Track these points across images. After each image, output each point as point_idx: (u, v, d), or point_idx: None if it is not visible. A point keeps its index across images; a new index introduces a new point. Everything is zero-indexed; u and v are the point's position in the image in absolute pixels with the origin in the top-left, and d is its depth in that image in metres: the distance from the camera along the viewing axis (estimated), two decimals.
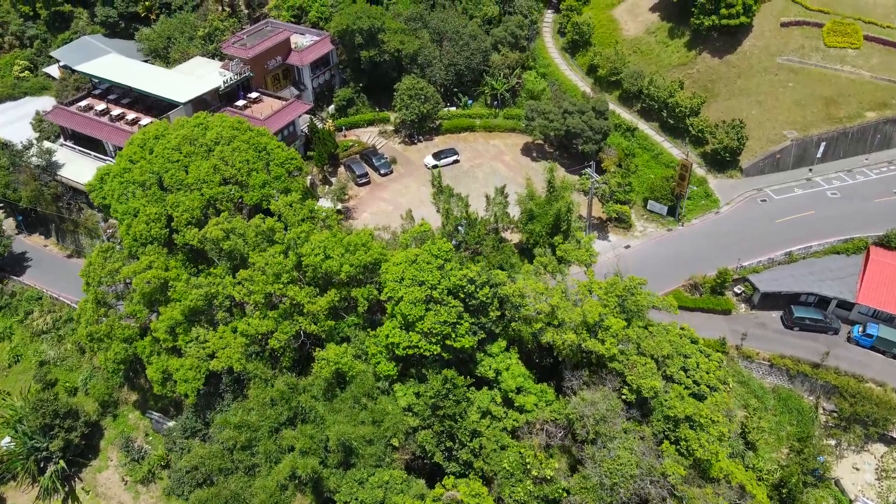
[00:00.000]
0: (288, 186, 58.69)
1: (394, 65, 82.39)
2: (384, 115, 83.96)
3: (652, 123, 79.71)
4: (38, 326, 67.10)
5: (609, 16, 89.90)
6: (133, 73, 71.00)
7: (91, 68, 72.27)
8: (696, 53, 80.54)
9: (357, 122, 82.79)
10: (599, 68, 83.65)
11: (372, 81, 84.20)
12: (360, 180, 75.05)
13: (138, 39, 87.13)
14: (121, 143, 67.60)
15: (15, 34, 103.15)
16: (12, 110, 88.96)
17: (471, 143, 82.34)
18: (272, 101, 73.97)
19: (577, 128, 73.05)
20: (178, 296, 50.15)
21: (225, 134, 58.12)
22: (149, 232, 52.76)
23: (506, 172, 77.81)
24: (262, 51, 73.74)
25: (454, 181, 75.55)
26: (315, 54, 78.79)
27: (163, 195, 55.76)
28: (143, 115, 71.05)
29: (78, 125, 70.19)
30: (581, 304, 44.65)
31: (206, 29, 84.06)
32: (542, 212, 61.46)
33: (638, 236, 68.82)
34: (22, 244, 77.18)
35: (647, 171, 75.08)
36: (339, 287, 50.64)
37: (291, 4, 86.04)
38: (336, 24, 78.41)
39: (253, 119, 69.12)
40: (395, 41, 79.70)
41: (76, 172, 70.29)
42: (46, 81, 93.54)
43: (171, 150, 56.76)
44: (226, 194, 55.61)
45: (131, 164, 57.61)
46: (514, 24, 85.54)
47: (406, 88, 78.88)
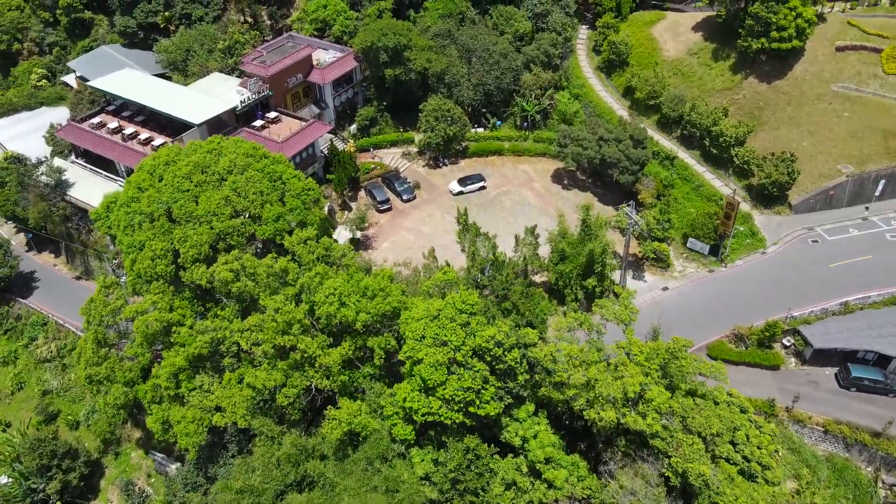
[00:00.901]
0: (304, 219, 54.92)
1: (420, 83, 78.48)
2: (408, 136, 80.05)
3: (693, 152, 74.70)
4: (41, 354, 64.33)
5: (648, 34, 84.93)
6: (147, 90, 67.91)
7: (105, 84, 69.35)
8: (741, 77, 75.32)
9: (379, 142, 78.97)
10: (637, 91, 78.80)
11: (396, 100, 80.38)
12: (381, 207, 71.18)
13: (157, 51, 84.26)
14: (132, 164, 64.64)
15: (34, 41, 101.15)
16: (28, 121, 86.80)
17: (498, 168, 78.05)
18: (291, 122, 70.43)
19: (613, 157, 68.38)
20: (182, 340, 46.69)
21: (239, 162, 54.55)
22: (154, 269, 49.36)
23: (535, 201, 73.40)
24: (282, 69, 70.22)
25: (480, 209, 71.58)
26: (337, 72, 75.11)
27: (171, 227, 52.34)
28: (157, 133, 67.96)
29: (89, 144, 67.32)
30: (619, 370, 40.16)
31: (226, 42, 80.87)
32: (574, 252, 57.03)
33: (677, 277, 63.96)
34: (31, 262, 74.75)
35: (687, 204, 70.16)
36: (354, 336, 46.78)
37: (315, 18, 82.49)
38: (360, 41, 74.64)
39: (270, 142, 65.64)
40: (421, 59, 75.73)
41: (86, 193, 67.43)
42: (63, 91, 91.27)
43: (182, 179, 53.31)
44: (237, 228, 51.99)
45: (139, 192, 54.29)
46: (547, 43, 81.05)
47: (432, 109, 74.87)
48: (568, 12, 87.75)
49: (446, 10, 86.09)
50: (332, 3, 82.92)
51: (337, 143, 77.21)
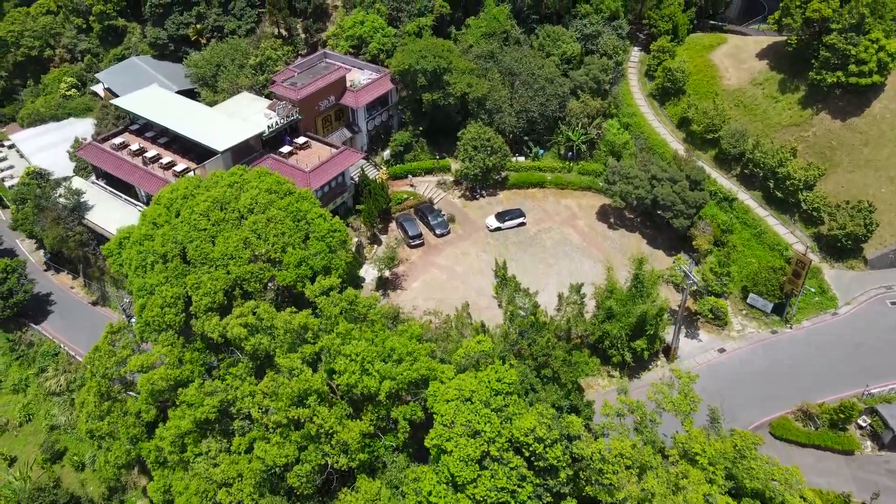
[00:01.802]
0: (328, 264, 50.50)
1: (459, 108, 73.53)
2: (444, 164, 75.15)
3: (754, 193, 68.24)
4: (51, 387, 61.19)
5: (707, 60, 78.54)
6: (172, 111, 64.31)
7: (129, 103, 65.99)
8: (812, 113, 68.56)
9: (414, 170, 74.25)
10: (693, 122, 72.57)
11: (433, 124, 75.60)
12: (412, 242, 66.43)
13: (186, 65, 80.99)
14: (152, 190, 61.10)
15: (66, 47, 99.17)
16: (54, 132, 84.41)
17: (539, 202, 72.64)
18: (321, 148, 66.14)
19: (667, 199, 62.45)
20: (189, 399, 42.57)
21: (260, 199, 50.34)
22: (163, 318, 45.40)
23: (578, 241, 67.82)
24: (313, 92, 65.98)
25: (519, 248, 66.39)
26: (372, 95, 70.62)
27: (185, 268, 48.41)
28: (181, 157, 64.35)
29: (110, 166, 64.05)
30: (679, 478, 34.62)
31: (257, 58, 77.13)
32: (624, 311, 51.42)
33: (735, 337, 57.79)
34: (48, 283, 71.96)
35: (748, 253, 63.83)
36: (377, 405, 42.14)
37: (351, 34, 78.16)
38: (397, 63, 70.00)
39: (297, 170, 61.45)
40: (461, 84, 70.77)
41: (105, 217, 64.18)
42: (92, 102, 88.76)
43: (199, 216, 49.33)
44: (255, 274, 47.79)
45: (154, 229, 50.51)
46: (597, 68, 75.30)
47: (471, 138, 69.86)
48: (620, 34, 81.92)
49: (489, 28, 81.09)
50: (369, 20, 78.53)
51: (369, 170, 72.82)
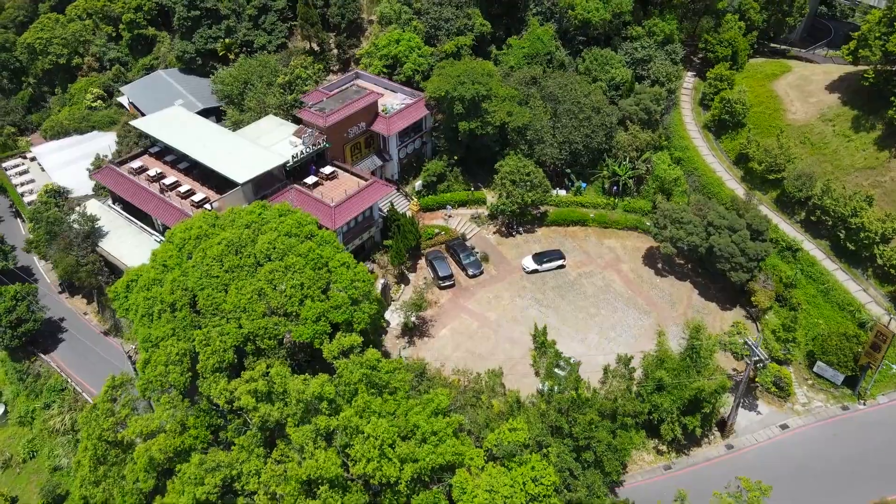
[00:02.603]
0: (350, 318, 45.99)
1: (497, 137, 68.47)
2: (479, 196, 70.15)
3: (821, 242, 61.82)
4: (55, 425, 57.95)
5: (769, 90, 72.16)
6: (192, 136, 60.49)
7: (147, 125, 62.42)
8: (890, 156, 61.86)
9: (446, 201, 69.38)
10: (753, 160, 66.35)
11: (469, 153, 70.64)
12: (442, 283, 61.60)
13: (213, 82, 77.41)
14: (168, 221, 57.37)
15: (95, 55, 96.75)
16: (76, 146, 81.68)
17: (580, 242, 67.16)
18: (348, 179, 61.73)
19: (724, 250, 56.51)
20: (189, 475, 38.38)
21: (279, 245, 46.04)
22: (166, 377, 41.36)
23: (622, 288, 62.21)
24: (342, 119, 61.61)
25: (557, 293, 61.10)
26: (405, 122, 65.99)
27: (194, 319, 44.42)
28: (200, 185, 60.57)
29: (126, 192, 60.55)
30: None
31: (286, 76, 73.09)
32: (676, 384, 45.83)
33: (799, 411, 51.63)
34: (61, 307, 68.93)
35: (814, 312, 57.54)
36: (396, 493, 37.43)
37: (385, 54, 73.64)
38: (433, 89, 65.22)
39: (321, 205, 57.13)
40: (501, 112, 65.72)
41: (119, 246, 60.72)
42: (117, 114, 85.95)
43: (212, 261, 45.29)
44: (269, 330, 43.50)
45: (164, 271, 46.64)
46: (648, 98, 69.52)
47: (509, 171, 64.76)
48: (674, 59, 75.92)
49: (532, 49, 75.91)
50: (405, 39, 73.94)
51: (399, 201, 68.19)
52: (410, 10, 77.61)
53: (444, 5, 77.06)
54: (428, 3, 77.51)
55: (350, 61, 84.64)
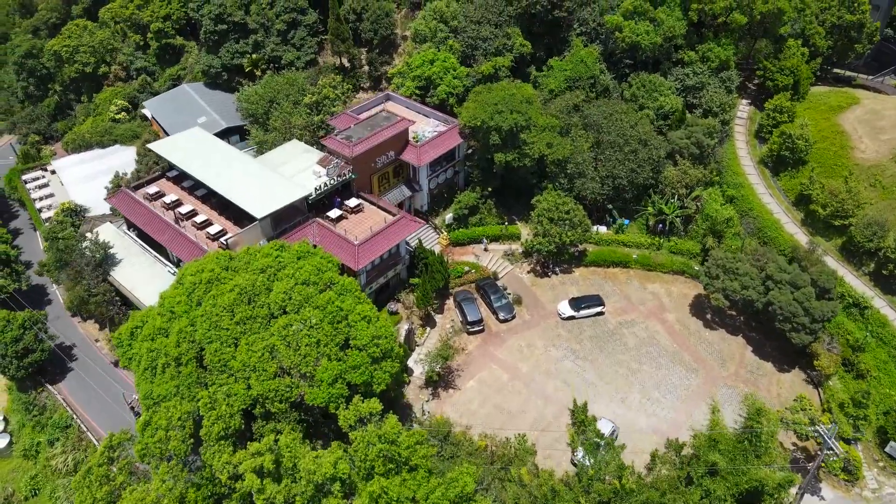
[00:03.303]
0: (369, 379, 41.89)
1: (535, 168, 63.78)
2: (514, 231, 65.51)
3: (893, 299, 55.89)
4: (57, 465, 54.99)
5: (835, 125, 66.19)
6: (211, 162, 56.98)
7: (165, 149, 59.13)
8: None
9: (478, 236, 64.91)
10: (816, 203, 60.65)
11: (504, 184, 66.07)
12: (471, 329, 57.19)
13: (238, 99, 74.08)
14: (181, 255, 54.00)
15: (122, 64, 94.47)
16: (97, 161, 79.16)
17: (622, 286, 62.11)
18: (375, 213, 57.67)
19: (786, 309, 51.04)
20: None
21: (295, 296, 42.14)
22: (166, 444, 37.70)
23: (667, 340, 57.05)
24: (370, 148, 57.57)
25: (595, 344, 56.25)
26: (437, 152, 61.72)
27: (200, 375, 40.77)
28: (217, 214, 57.13)
29: (140, 220, 57.38)
30: None
31: (314, 97, 69.40)
32: (731, 469, 40.66)
33: (869, 498, 45.98)
34: (74, 332, 66.05)
35: (885, 381, 51.77)
36: None
37: (418, 75, 69.42)
38: (468, 117, 60.77)
39: (344, 242, 53.16)
40: (540, 144, 61.03)
41: (132, 277, 57.62)
42: (140, 128, 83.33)
43: (223, 311, 41.58)
44: (280, 392, 39.62)
45: (171, 318, 43.09)
46: (701, 131, 64.11)
47: (546, 209, 60.05)
48: (729, 87, 70.31)
49: (575, 72, 70.98)
50: (440, 59, 69.64)
51: (427, 233, 63.96)
52: (447, 28, 73.31)
53: (483, 24, 72.60)
54: (465, 21, 73.14)
55: (381, 78, 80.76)
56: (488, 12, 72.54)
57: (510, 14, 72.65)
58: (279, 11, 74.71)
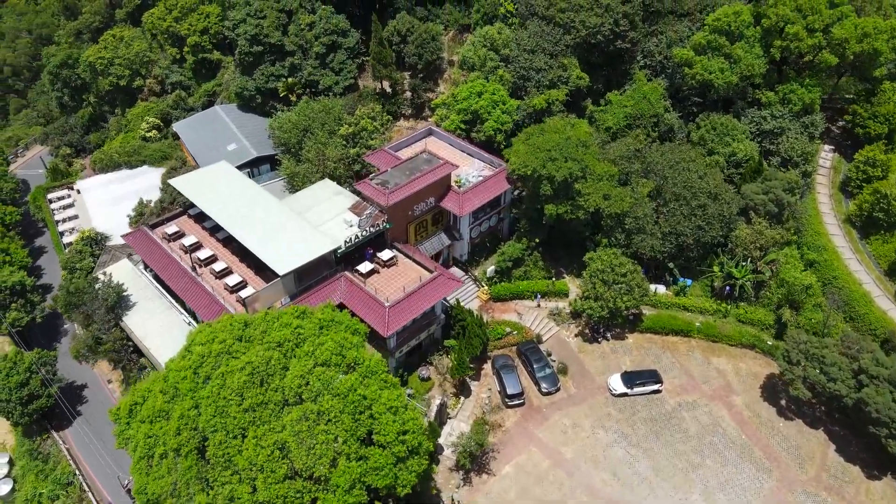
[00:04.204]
0: (392, 482, 36.33)
1: (588, 220, 57.37)
2: (561, 287, 59.17)
3: None
4: None
5: None
6: (234, 205, 52.06)
7: (186, 187, 54.56)
8: None
9: (522, 292, 58.80)
10: None
11: (553, 234, 59.81)
12: (510, 402, 51.18)
13: (270, 126, 69.39)
14: (197, 308, 49.35)
15: (157, 78, 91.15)
16: (124, 182, 75.79)
17: (682, 359, 55.26)
18: (410, 268, 52.12)
19: (883, 412, 43.59)
20: None
21: (313, 381, 36.82)
22: None
23: (734, 430, 50.05)
24: (408, 196, 52.01)
25: (650, 428, 49.87)
26: (481, 200, 55.84)
27: (201, 469, 35.79)
28: (239, 261, 52.34)
29: (157, 263, 53.04)
30: None
31: (350, 128, 64.23)
32: None
33: None
34: (86, 369, 62.33)
35: None
36: None
37: (464, 108, 63.57)
38: (518, 163, 54.64)
39: (374, 303, 47.75)
40: (597, 196, 54.60)
41: (144, 325, 53.29)
42: (169, 148, 79.56)
43: (231, 394, 36.49)
44: (290, 499, 34.30)
45: (174, 396, 38.25)
46: (780, 186, 56.75)
47: (600, 269, 53.62)
48: (812, 133, 62.70)
49: (636, 109, 64.33)
50: (488, 92, 63.66)
51: (467, 285, 58.19)
52: (497, 56, 67.35)
53: (537, 53, 66.39)
54: (518, 49, 67.05)
55: (424, 106, 75.27)
56: (543, 41, 66.34)
57: (567, 43, 66.33)
58: (318, 33, 69.81)
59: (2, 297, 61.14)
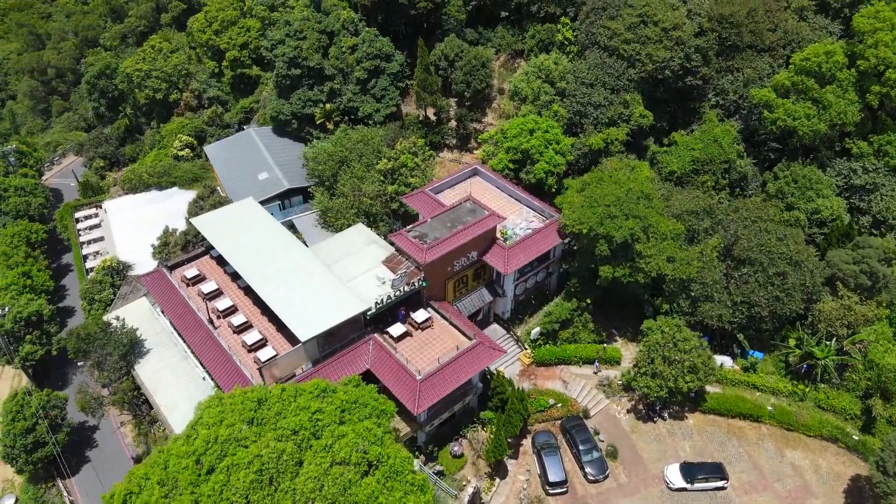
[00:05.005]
0: None
1: (648, 283, 51.14)
2: (613, 353, 53.07)
3: None
4: None
5: None
6: (257, 255, 47.50)
7: (208, 228, 50.32)
8: None
9: (568, 356, 52.93)
10: None
11: (606, 294, 53.73)
12: (551, 490, 45.42)
13: (304, 156, 65.01)
14: (211, 367, 44.96)
15: (194, 91, 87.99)
16: (152, 205, 72.44)
17: (750, 448, 48.54)
18: (446, 333, 46.83)
19: None
20: None
21: (329, 486, 31.90)
22: None
23: None
24: (448, 252, 46.68)
25: None
26: (528, 256, 50.15)
27: None
28: (260, 314, 47.81)
29: (173, 310, 48.97)
30: None
31: (389, 163, 59.32)
32: None
33: None
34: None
35: None
36: None
37: (513, 146, 57.94)
38: (572, 222, 48.73)
39: (404, 374, 42.63)
40: (660, 258, 48.33)
41: (157, 376, 49.11)
42: (201, 170, 75.99)
43: (236, 496, 31.83)
44: None
45: (173, 490, 33.74)
46: (875, 255, 49.55)
47: (659, 342, 47.38)
48: None
49: (705, 153, 57.92)
50: (540, 129, 57.91)
51: (508, 346, 52.66)
52: (552, 89, 61.60)
53: (596, 87, 60.43)
54: (575, 82, 61.16)
55: (470, 137, 69.95)
56: (604, 74, 60.33)
57: (631, 78, 60.18)
58: (361, 57, 65.05)
59: (17, 328, 58.29)
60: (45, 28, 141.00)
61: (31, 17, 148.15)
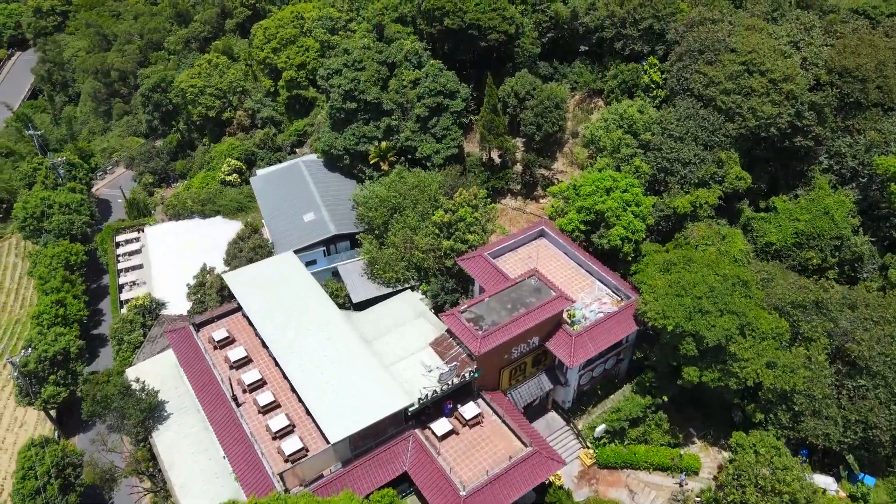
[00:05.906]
0: None
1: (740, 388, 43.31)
2: (692, 462, 45.45)
3: None
4: None
5: None
6: (290, 327, 42.27)
7: (239, 286, 45.28)
8: None
9: (637, 461, 45.64)
10: None
11: (684, 392, 46.15)
12: None
13: (354, 199, 59.62)
14: (232, 458, 39.78)
15: (248, 111, 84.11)
16: (193, 234, 68.40)
17: None
18: (497, 433, 40.44)
19: None
20: None
21: None
22: None
23: None
24: (505, 341, 40.20)
25: None
26: (598, 346, 43.14)
27: None
28: (288, 391, 42.42)
29: (196, 379, 44.28)
30: None
31: (447, 216, 53.27)
32: None
33: None
34: (116, 460, 55.10)
35: None
36: None
37: (586, 206, 50.90)
38: (655, 315, 41.42)
39: (445, 485, 36.49)
40: (758, 363, 40.57)
41: (173, 450, 44.14)
42: (246, 199, 71.59)
43: None
44: None
45: None
46: None
47: (751, 463, 39.66)
48: None
49: (811, 226, 49.94)
50: (619, 187, 50.77)
51: (566, 439, 45.86)
52: (635, 141, 54.29)
53: (686, 141, 52.83)
54: (662, 134, 53.71)
55: (537, 184, 63.23)
56: (696, 127, 52.74)
57: (728, 133, 52.43)
58: (423, 93, 59.18)
59: (40, 367, 55.07)
60: (113, 29, 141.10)
61: (102, 15, 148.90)
